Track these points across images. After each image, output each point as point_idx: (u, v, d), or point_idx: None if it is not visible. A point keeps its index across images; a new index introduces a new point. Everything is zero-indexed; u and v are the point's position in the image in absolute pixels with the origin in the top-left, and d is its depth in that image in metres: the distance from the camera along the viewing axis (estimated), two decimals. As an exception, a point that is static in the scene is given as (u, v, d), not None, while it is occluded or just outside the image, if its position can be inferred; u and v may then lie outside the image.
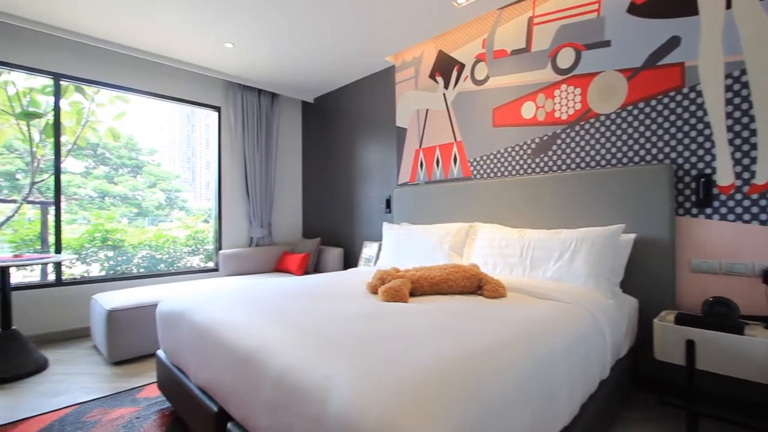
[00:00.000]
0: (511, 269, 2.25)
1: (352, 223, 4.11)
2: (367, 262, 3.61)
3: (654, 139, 2.11)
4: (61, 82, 3.25)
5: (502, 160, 2.77)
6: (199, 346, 1.54)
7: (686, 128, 2.01)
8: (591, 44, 2.32)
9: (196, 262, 4.62)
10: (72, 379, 2.38)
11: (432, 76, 3.24)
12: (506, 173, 2.75)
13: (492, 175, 2.83)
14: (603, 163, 2.30)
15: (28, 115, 3.78)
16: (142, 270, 4.16)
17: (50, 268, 3.31)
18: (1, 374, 2.32)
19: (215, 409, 1.41)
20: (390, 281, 1.85)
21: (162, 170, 5.74)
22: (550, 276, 2.07)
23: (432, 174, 3.25)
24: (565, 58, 2.43)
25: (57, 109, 3.27)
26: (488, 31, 2.83)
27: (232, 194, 4.18)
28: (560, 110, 2.46)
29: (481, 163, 2.90)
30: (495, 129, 2.80)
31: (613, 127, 2.25)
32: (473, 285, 1.91)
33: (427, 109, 3.28)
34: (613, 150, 2.26)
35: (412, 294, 1.86)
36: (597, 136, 2.32)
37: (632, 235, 2.07)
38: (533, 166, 2.60)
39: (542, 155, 2.56)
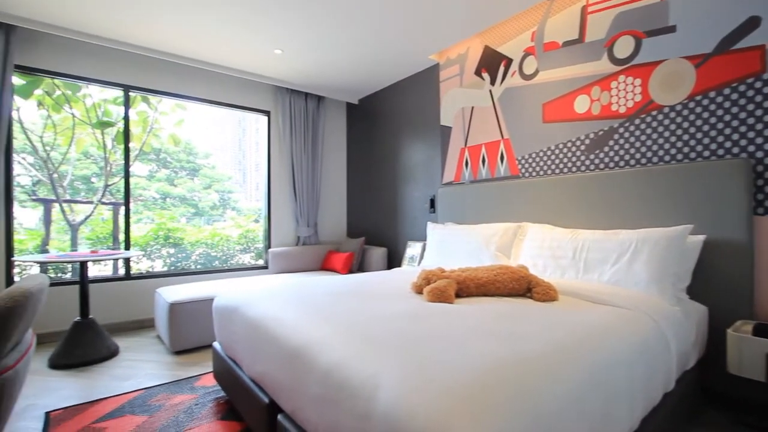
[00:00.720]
0: (563, 272, 2.15)
1: (396, 222, 4.12)
2: (410, 261, 3.60)
3: (727, 131, 1.92)
4: (130, 93, 3.54)
5: (553, 157, 2.65)
6: (251, 340, 1.62)
7: (767, 118, 1.81)
8: (653, 31, 2.16)
9: (247, 259, 4.86)
10: (139, 366, 2.58)
11: (478, 73, 3.17)
12: (557, 171, 2.63)
13: (542, 173, 2.72)
14: (666, 158, 2.13)
15: (103, 125, 4.16)
16: (199, 266, 4.44)
17: (120, 263, 3.62)
18: (80, 358, 2.57)
19: (266, 400, 1.47)
20: (435, 281, 1.83)
21: (216, 172, 6.09)
22: (607, 279, 1.95)
23: (477, 173, 3.18)
24: (623, 47, 2.28)
25: (126, 118, 3.57)
26: (538, 23, 2.72)
27: (281, 195, 4.34)
28: (617, 103, 2.31)
29: (530, 160, 2.79)
30: (545, 125, 2.69)
31: (679, 120, 2.08)
32: (522, 287, 1.85)
33: (473, 107, 3.21)
34: (679, 144, 2.08)
35: (458, 295, 1.83)
36: (660, 129, 2.15)
37: (701, 237, 1.90)
38: (587, 163, 2.46)
39: (597, 151, 2.41)
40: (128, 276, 3.51)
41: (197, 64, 3.62)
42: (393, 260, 4.12)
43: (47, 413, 1.95)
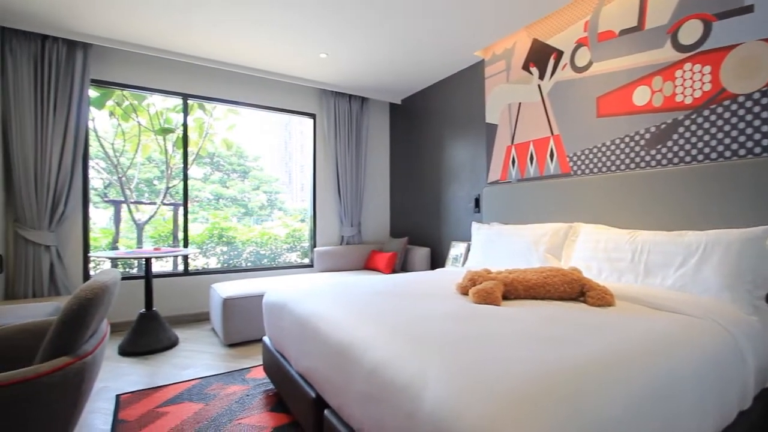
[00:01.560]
0: (620, 275, 2.01)
1: (440, 222, 4.07)
2: (454, 262, 3.54)
3: (817, 120, 1.71)
4: (188, 101, 3.78)
5: (608, 153, 2.49)
6: (299, 335, 1.67)
7: None
8: (725, 12, 1.96)
9: (293, 258, 5.03)
10: (196, 356, 2.75)
11: (525, 67, 3.05)
12: (613, 168, 2.47)
13: (595, 170, 2.57)
14: (741, 152, 1.93)
15: (165, 131, 4.48)
16: (249, 264, 4.65)
17: (180, 260, 3.88)
18: (145, 347, 2.79)
19: (313, 395, 1.51)
20: (481, 283, 1.79)
21: (264, 174, 6.36)
22: (671, 284, 1.81)
23: (525, 171, 3.07)
24: (690, 32, 2.09)
25: (185, 125, 3.81)
26: (591, 11, 2.57)
27: (325, 195, 4.44)
28: (683, 93, 2.13)
29: (583, 157, 2.65)
30: (599, 120, 2.54)
31: (757, 109, 1.87)
32: (574, 291, 1.76)
33: (520, 103, 3.10)
34: (757, 136, 1.88)
35: (505, 297, 1.77)
36: (734, 120, 1.95)
37: (785, 239, 1.70)
38: (647, 158, 2.29)
39: (659, 146, 2.24)
40: (186, 272, 3.76)
41: (248, 71, 3.79)
42: (436, 260, 4.08)
43: (118, 396, 2.13)
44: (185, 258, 3.80)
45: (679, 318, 1.45)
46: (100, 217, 4.57)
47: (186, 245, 3.78)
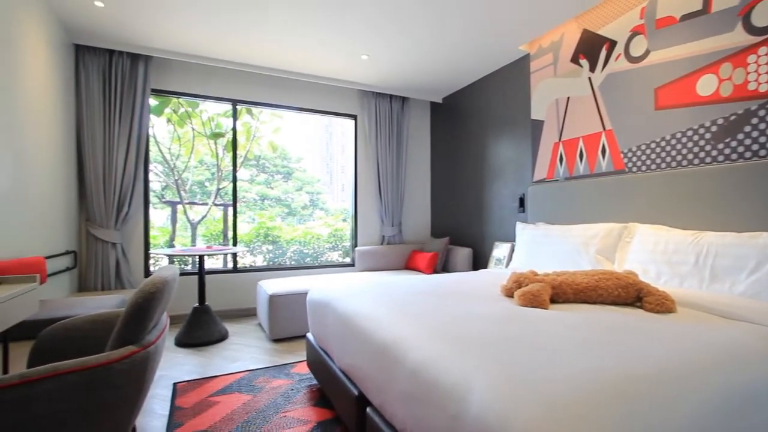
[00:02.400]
0: (682, 280, 1.86)
1: (482, 222, 3.98)
2: (497, 263, 3.45)
3: None
4: (237, 106, 3.97)
5: (669, 148, 2.31)
6: (341, 333, 1.70)
7: None
8: (809, -11, 1.76)
9: (335, 257, 5.13)
10: (244, 350, 2.88)
11: (575, 60, 2.91)
12: (674, 164, 2.29)
13: (654, 166, 2.40)
14: (830, 144, 1.72)
15: (216, 135, 4.73)
16: (293, 262, 4.80)
17: (229, 257, 4.08)
18: (199, 339, 2.96)
19: (356, 392, 1.53)
20: (527, 285, 1.72)
21: (307, 175, 6.55)
22: (742, 291, 1.64)
23: (574, 169, 2.92)
24: (765, 13, 1.90)
25: (234, 129, 4.00)
26: (648, -3, 2.40)
27: (367, 195, 4.48)
28: (756, 81, 1.93)
29: (639, 153, 2.48)
30: (658, 112, 2.36)
31: None
32: (630, 295, 1.65)
33: (568, 98, 2.96)
34: None
35: (553, 300, 1.70)
36: (819, 109, 1.74)
37: None
38: (714, 153, 2.11)
39: (728, 139, 2.05)
40: (235, 269, 3.94)
41: (292, 75, 3.91)
42: (479, 261, 4.00)
43: (175, 384, 2.28)
44: (234, 256, 3.99)
45: (753, 328, 1.32)
46: (158, 216, 4.92)
47: (235, 244, 3.97)
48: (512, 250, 3.33)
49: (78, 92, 3.20)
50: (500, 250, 3.49)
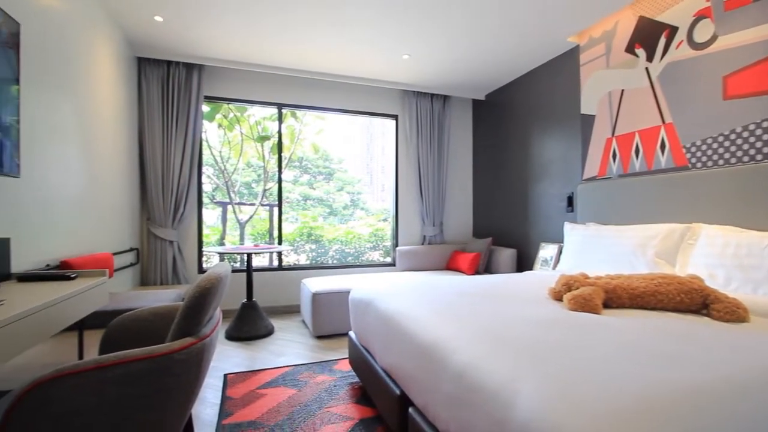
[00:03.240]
0: (756, 286, 1.69)
1: (527, 222, 3.85)
2: (544, 265, 3.32)
3: None
4: (282, 110, 4.11)
5: (740, 141, 2.11)
6: (383, 332, 1.70)
7: None
8: None
9: (376, 256, 5.17)
10: (289, 345, 2.97)
11: (630, 50, 2.73)
12: (746, 158, 2.08)
13: (721, 161, 2.19)
14: None
15: (262, 138, 4.92)
16: (335, 261, 4.89)
17: (275, 255, 4.23)
18: (247, 333, 3.09)
19: (398, 392, 1.53)
20: (578, 288, 1.64)
21: (347, 176, 6.65)
22: (831, 300, 1.46)
23: (629, 165, 2.75)
24: None
25: (279, 132, 4.15)
26: (715, -22, 2.21)
27: (407, 195, 4.48)
28: None
29: (704, 147, 2.28)
30: (727, 102, 2.16)
31: None
32: (695, 302, 1.52)
33: (623, 90, 2.79)
34: None
35: (606, 305, 1.61)
36: None
37: None
38: (795, 146, 1.89)
39: (812, 130, 1.83)
40: (280, 267, 4.08)
41: (335, 77, 3.99)
42: (523, 263, 3.86)
43: (225, 375, 2.40)
44: (279, 254, 4.13)
45: None
46: (209, 216, 5.20)
47: (280, 243, 4.11)
48: (560, 252, 3.19)
49: (140, 101, 3.46)
50: (547, 251, 3.35)
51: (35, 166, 1.85)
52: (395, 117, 4.46)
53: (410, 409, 1.40)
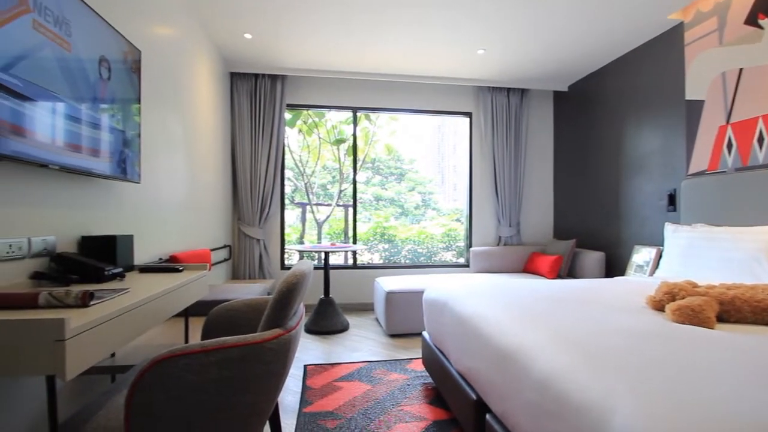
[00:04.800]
0: None
1: (618, 222, 3.50)
2: (639, 270, 2.99)
3: None
4: (357, 113, 4.24)
5: None
6: (459, 334, 1.67)
7: None
8: None
9: (449, 257, 5.09)
10: (363, 342, 3.06)
11: (751, 21, 2.34)
12: None
13: None
14: None
15: (338, 141, 5.14)
16: (407, 261, 4.92)
17: (350, 254, 4.38)
18: (324, 328, 3.25)
19: (474, 397, 1.48)
20: (683, 297, 1.45)
21: (419, 176, 6.65)
22: None
23: (750, 157, 2.35)
24: None
25: (354, 135, 4.29)
26: None
27: (482, 194, 4.34)
28: None
29: None
30: None
31: None
32: None
33: (741, 69, 2.40)
34: None
35: (720, 319, 1.39)
36: None
37: None
38: None
39: None
40: (355, 266, 4.22)
41: (407, 78, 4.02)
42: (613, 267, 3.52)
43: (305, 366, 2.54)
44: (354, 253, 4.27)
45: None
46: (290, 216, 5.57)
47: (355, 242, 4.25)
48: (659, 256, 2.84)
49: (232, 112, 3.82)
50: (642, 255, 3.01)
51: (151, 173, 2.15)
52: (469, 114, 4.35)
53: (488, 416, 1.35)
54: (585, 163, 3.96)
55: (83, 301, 0.93)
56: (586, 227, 3.93)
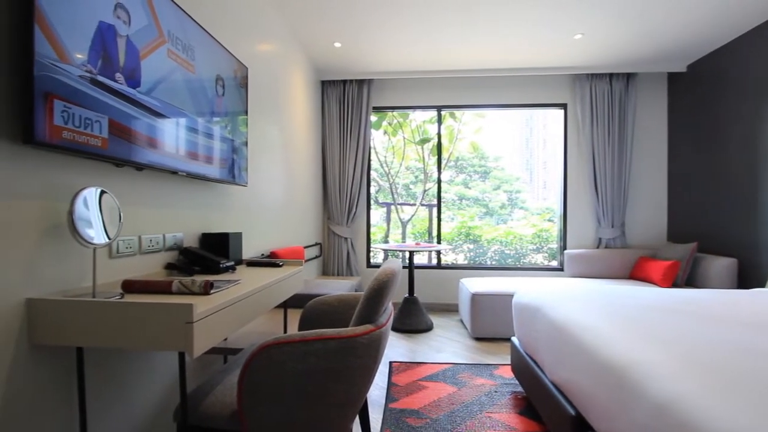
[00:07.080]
0: None
1: (755, 224, 2.93)
2: (785, 282, 2.47)
3: None
4: (441, 112, 4.20)
5: None
6: (555, 343, 1.55)
7: None
8: None
9: (539, 259, 4.78)
10: (447, 343, 3.02)
11: None
12: None
13: None
14: None
15: (423, 141, 5.15)
16: (494, 262, 4.73)
17: (434, 254, 4.36)
18: (409, 326, 3.28)
19: (573, 412, 1.37)
20: None
21: (505, 174, 6.35)
22: None
23: None
24: None
25: (439, 134, 4.26)
26: None
27: (578, 192, 3.99)
28: None
29: None
30: None
31: None
32: None
33: None
34: None
35: None
36: None
37: None
38: None
39: None
40: (439, 266, 4.18)
41: (494, 72, 3.87)
42: (748, 277, 2.96)
43: (391, 363, 2.59)
44: (438, 253, 4.24)
45: None
46: (375, 216, 5.73)
47: (439, 242, 4.21)
48: (816, 265, 2.32)
49: (323, 118, 4.06)
50: (791, 264, 2.48)
51: (255, 177, 2.38)
52: (564, 106, 4.03)
53: (589, 435, 1.23)
54: (709, 155, 3.39)
55: (206, 289, 1.07)
56: (711, 229, 3.36)
